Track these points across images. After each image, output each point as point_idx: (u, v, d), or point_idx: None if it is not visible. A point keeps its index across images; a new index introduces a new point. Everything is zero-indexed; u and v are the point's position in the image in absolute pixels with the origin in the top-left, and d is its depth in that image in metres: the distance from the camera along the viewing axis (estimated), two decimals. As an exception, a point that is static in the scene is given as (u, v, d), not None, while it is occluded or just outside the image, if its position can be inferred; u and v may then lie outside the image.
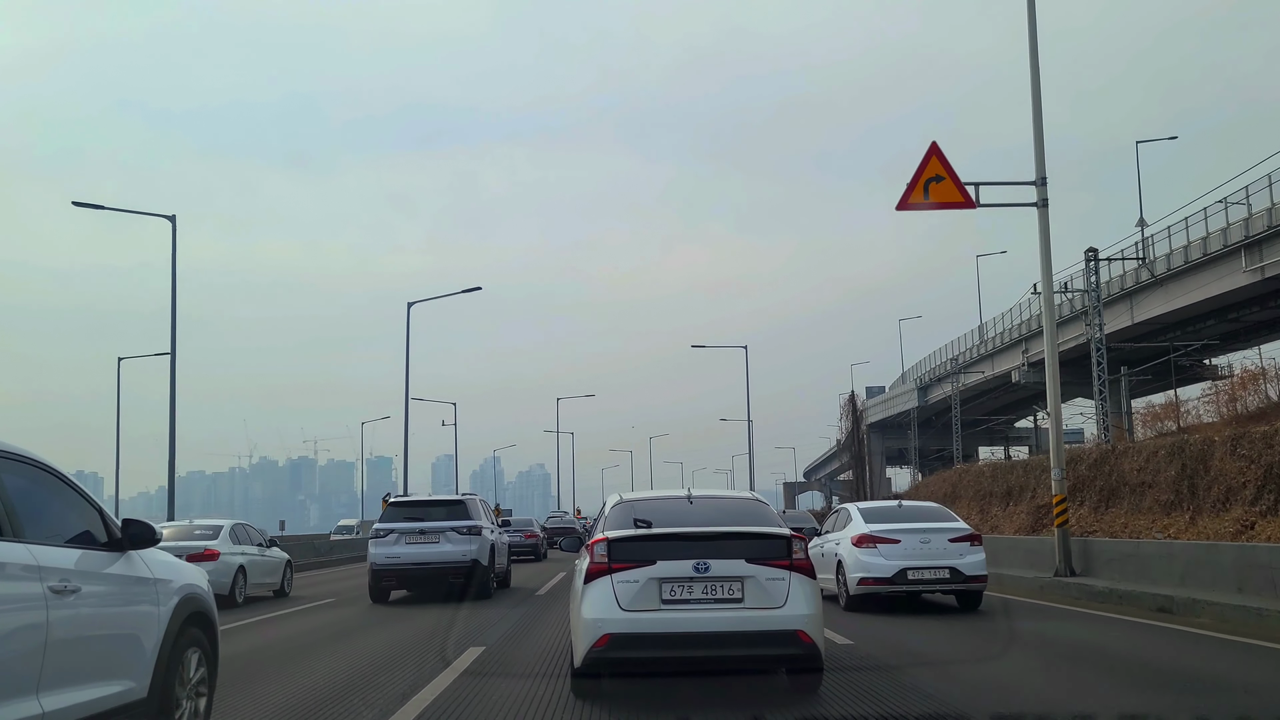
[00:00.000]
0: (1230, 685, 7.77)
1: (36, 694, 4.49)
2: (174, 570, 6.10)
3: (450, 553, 16.39)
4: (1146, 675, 8.27)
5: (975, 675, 8.44)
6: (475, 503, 18.00)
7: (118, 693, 5.15)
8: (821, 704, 6.94)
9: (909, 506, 15.04)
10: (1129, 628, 11.36)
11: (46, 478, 5.23)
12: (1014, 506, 28.11)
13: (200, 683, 6.07)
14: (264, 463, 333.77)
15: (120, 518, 5.77)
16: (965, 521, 14.85)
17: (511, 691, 7.87)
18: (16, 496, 4.80)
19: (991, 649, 10.14)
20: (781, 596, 6.95)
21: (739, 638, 6.90)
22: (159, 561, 5.94)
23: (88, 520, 5.43)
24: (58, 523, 5.17)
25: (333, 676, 8.88)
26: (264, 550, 19.23)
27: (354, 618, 14.58)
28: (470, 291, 41.24)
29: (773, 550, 7.09)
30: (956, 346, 62.03)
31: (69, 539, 5.18)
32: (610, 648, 6.87)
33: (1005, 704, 6.93)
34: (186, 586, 6.10)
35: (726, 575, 6.94)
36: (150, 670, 5.46)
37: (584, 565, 7.37)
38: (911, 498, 38.05)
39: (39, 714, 4.47)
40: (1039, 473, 26.21)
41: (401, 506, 17.78)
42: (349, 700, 7.61)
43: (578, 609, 7.23)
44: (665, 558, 6.98)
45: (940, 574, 13.07)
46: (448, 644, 10.78)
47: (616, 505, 8.00)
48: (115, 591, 5.34)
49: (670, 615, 6.89)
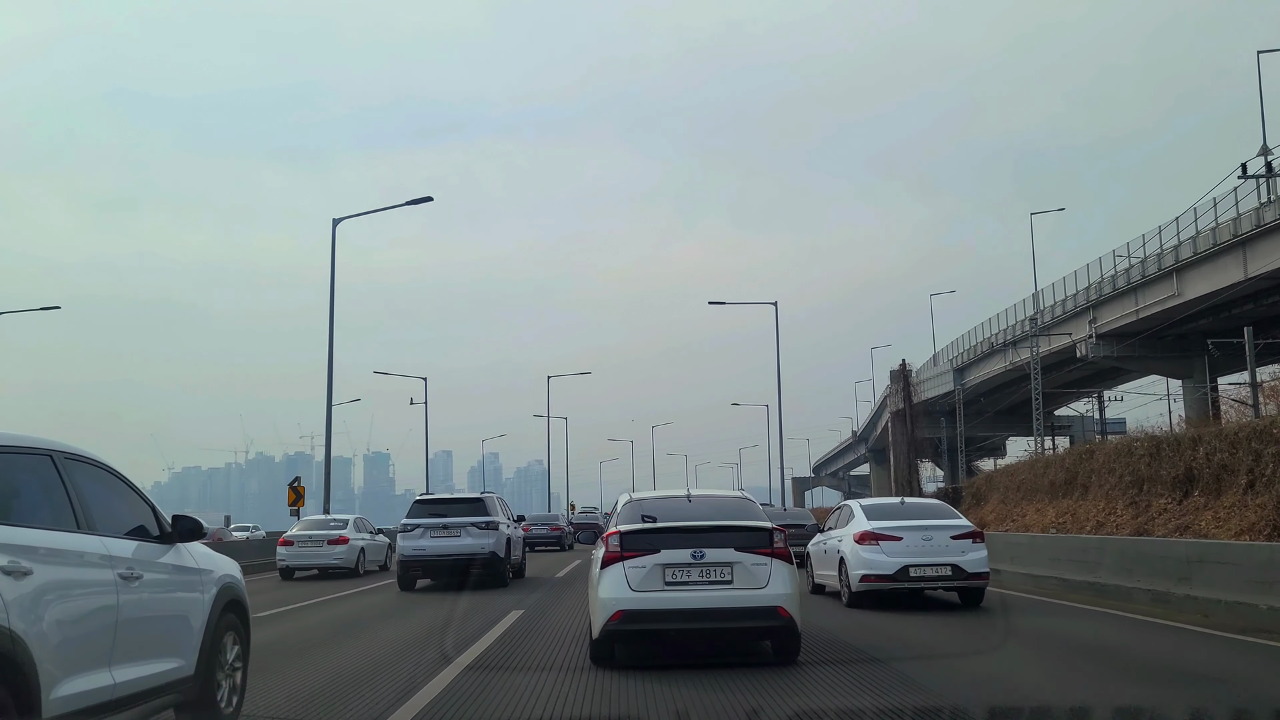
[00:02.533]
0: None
1: (109, 667, 4.99)
2: (214, 562, 6.55)
3: (470, 545, 18.17)
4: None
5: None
6: (493, 500, 19.80)
7: (171, 669, 5.64)
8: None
9: (911, 504, 15.32)
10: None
11: (108, 476, 5.69)
12: (1217, 498, 19.93)
13: (236, 661, 6.56)
14: (260, 458, 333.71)
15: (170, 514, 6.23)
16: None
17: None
18: (87, 494, 5.29)
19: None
20: (764, 579, 8.37)
21: (729, 613, 8.36)
22: (201, 553, 6.43)
23: (142, 515, 5.89)
24: (118, 517, 5.61)
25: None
26: (374, 536, 25.63)
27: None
28: (416, 203, 32.50)
29: (757, 540, 8.52)
30: (1003, 320, 53.87)
31: (127, 532, 5.62)
32: (623, 622, 8.33)
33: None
34: (225, 576, 6.56)
35: (719, 561, 8.36)
36: (197, 650, 5.96)
37: (600, 554, 8.80)
38: (1001, 487, 34.42)
39: (110, 684, 4.96)
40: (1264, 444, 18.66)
41: (426, 504, 19.64)
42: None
43: (595, 590, 8.64)
44: (668, 547, 8.39)
45: (943, 571, 13.25)
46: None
47: (627, 504, 9.46)
48: (168, 579, 5.81)
49: (672, 594, 8.33)
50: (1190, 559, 13.24)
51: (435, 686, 7.68)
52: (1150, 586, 13.81)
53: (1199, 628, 11.12)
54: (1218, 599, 12.27)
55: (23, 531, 4.57)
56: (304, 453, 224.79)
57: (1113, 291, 41.83)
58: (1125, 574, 14.67)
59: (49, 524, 4.86)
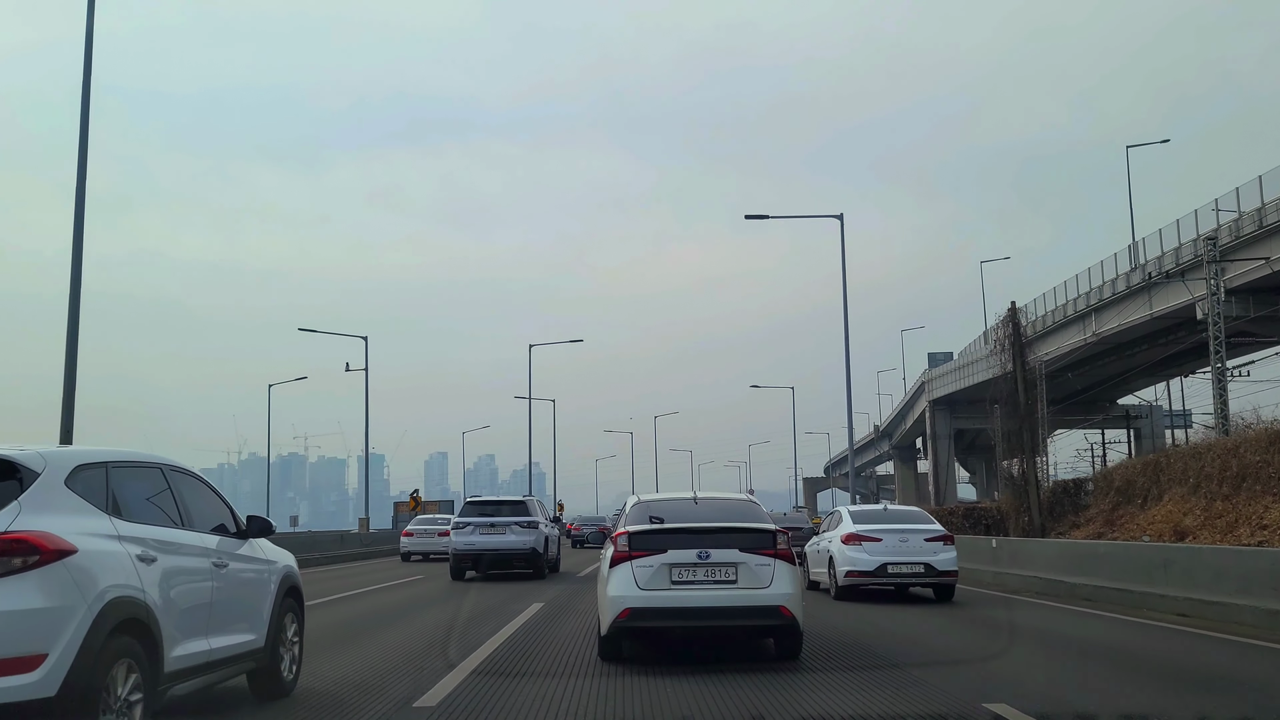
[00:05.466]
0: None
1: (207, 636, 6.06)
2: (277, 554, 7.59)
3: (514, 542, 20.71)
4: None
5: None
6: (534, 503, 22.44)
7: (248, 641, 6.70)
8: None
9: (893, 510, 17.48)
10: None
11: (199, 484, 6.77)
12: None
13: (294, 637, 7.61)
14: (253, 459, 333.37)
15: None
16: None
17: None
18: (187, 498, 6.40)
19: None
20: (768, 579, 8.57)
21: (733, 611, 8.56)
22: (268, 547, 7.51)
23: (223, 515, 6.94)
24: (208, 516, 6.66)
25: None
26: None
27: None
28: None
29: (761, 542, 8.71)
30: (1085, 282, 43.78)
31: (213, 528, 6.66)
32: (631, 619, 8.57)
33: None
34: (286, 567, 7.61)
35: (724, 562, 8.57)
36: (266, 627, 7.01)
37: (609, 553, 9.02)
38: (1188, 476, 26.02)
39: (208, 650, 6.05)
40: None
41: (476, 505, 22.19)
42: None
43: (604, 588, 8.86)
44: (675, 547, 8.61)
45: (916, 569, 14.96)
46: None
47: (636, 505, 9.80)
48: (245, 568, 6.86)
49: (678, 593, 8.55)
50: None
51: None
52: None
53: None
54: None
55: (149, 528, 5.66)
56: (297, 454, 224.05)
57: (1257, 230, 32.35)
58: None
59: (163, 522, 5.92)
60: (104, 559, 5.02)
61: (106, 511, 5.33)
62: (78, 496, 5.16)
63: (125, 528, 5.38)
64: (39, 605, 4.54)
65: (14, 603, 4.48)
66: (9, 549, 4.58)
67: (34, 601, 4.53)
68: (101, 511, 5.29)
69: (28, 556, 4.60)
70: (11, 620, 4.45)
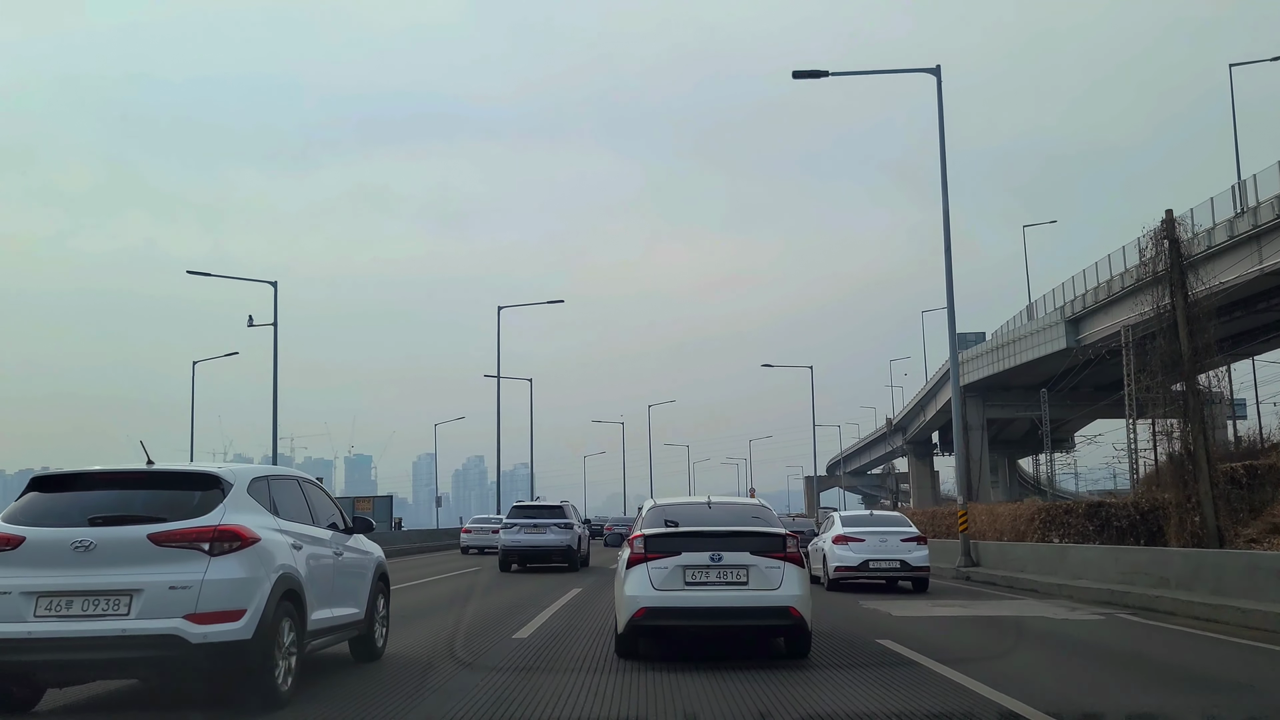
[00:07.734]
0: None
1: (330, 607, 8.07)
2: (372, 546, 9.63)
3: (553, 540, 24.70)
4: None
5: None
6: (569, 507, 26.60)
7: (354, 613, 8.72)
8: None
9: (877, 515, 21.03)
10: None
11: (319, 490, 8.85)
12: None
13: (384, 612, 9.58)
14: (239, 460, 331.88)
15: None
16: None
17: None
18: (313, 501, 8.46)
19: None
20: (777, 581, 8.99)
21: (744, 611, 9.01)
22: (367, 541, 9.54)
23: (334, 515, 8.96)
24: (326, 515, 8.70)
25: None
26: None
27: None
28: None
29: (772, 545, 9.16)
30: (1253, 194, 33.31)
31: (328, 524, 8.70)
32: (646, 618, 9.03)
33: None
34: (379, 557, 9.65)
35: (735, 564, 8.98)
36: (365, 604, 8.99)
37: (625, 555, 9.50)
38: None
39: (331, 617, 8.05)
40: None
41: (521, 509, 26.33)
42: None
43: (620, 589, 9.36)
44: (688, 550, 9.06)
45: (893, 565, 17.97)
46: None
47: (652, 509, 10.34)
48: (352, 556, 8.89)
49: (692, 594, 9.00)
50: None
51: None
52: None
53: None
54: None
55: (295, 524, 7.73)
56: (283, 454, 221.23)
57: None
58: None
59: (302, 519, 7.99)
60: (274, 545, 7.09)
61: (270, 511, 7.39)
62: (254, 500, 7.25)
63: (282, 524, 7.44)
64: (241, 576, 6.62)
65: (227, 573, 6.57)
66: (224, 536, 6.67)
67: (238, 573, 6.62)
68: (268, 512, 7.35)
69: (233, 542, 6.69)
70: (226, 586, 6.53)
